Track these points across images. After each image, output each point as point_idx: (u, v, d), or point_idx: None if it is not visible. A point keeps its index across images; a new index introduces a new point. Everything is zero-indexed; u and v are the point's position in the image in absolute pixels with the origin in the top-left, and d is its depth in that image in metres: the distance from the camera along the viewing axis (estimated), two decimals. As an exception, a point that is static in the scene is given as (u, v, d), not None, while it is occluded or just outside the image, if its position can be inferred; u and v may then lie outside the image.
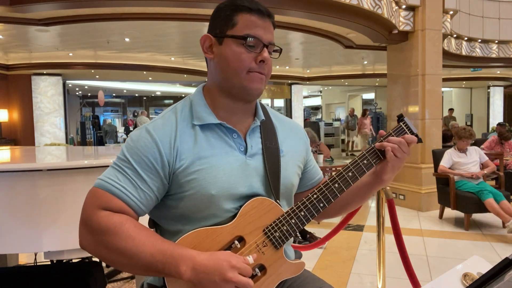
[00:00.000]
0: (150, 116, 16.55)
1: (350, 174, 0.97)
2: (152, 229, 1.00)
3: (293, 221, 0.94)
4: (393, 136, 1.00)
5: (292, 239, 1.06)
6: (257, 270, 0.92)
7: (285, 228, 0.94)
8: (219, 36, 0.96)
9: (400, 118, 1.02)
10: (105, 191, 0.88)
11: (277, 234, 0.94)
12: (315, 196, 0.96)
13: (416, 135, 1.01)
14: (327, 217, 1.23)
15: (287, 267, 0.96)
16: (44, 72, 8.86)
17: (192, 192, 0.91)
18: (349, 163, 0.99)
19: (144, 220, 0.99)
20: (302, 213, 0.95)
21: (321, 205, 0.96)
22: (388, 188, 2.32)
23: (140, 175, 0.90)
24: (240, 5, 0.94)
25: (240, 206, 0.93)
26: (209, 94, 1.01)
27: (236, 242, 0.91)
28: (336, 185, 0.96)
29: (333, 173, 0.98)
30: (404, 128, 1.01)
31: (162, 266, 0.83)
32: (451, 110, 12.98)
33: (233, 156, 0.96)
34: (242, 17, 0.94)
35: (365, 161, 0.98)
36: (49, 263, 1.99)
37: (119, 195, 0.88)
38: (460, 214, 4.57)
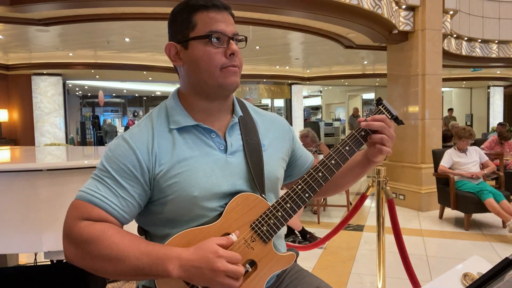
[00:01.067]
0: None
1: (333, 162, 0.98)
2: (141, 236, 1.01)
3: (279, 213, 0.94)
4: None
5: (282, 233, 1.07)
6: (248, 266, 0.93)
7: (272, 221, 0.94)
8: (183, 41, 0.95)
9: (379, 101, 1.02)
10: (85, 201, 0.88)
11: (265, 228, 0.94)
12: (299, 187, 0.96)
13: (396, 117, 1.01)
14: (323, 196, 1.26)
15: (277, 260, 0.97)
16: (44, 72, 8.86)
17: (175, 196, 0.91)
18: (332, 150, 0.99)
19: (133, 228, 0.99)
20: (288, 205, 0.95)
21: (307, 195, 0.96)
22: (388, 188, 2.32)
23: (120, 183, 0.89)
24: (195, 5, 0.93)
25: (225, 204, 0.93)
26: (184, 98, 1.01)
27: None
28: (320, 174, 0.97)
29: (317, 163, 0.99)
30: (384, 111, 1.01)
31: (149, 268, 0.82)
32: (450, 110, 12.97)
33: (213, 156, 0.96)
34: (200, 16, 0.93)
35: (347, 148, 0.98)
36: (49, 263, 1.99)
37: (100, 204, 0.87)
38: (460, 214, 4.57)
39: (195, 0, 0.93)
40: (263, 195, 0.97)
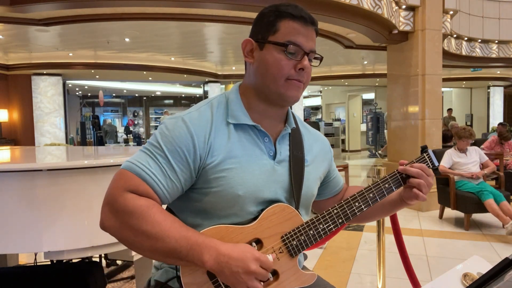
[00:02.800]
0: (150, 116, 16.56)
1: (371, 195, 1.00)
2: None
3: (311, 232, 0.95)
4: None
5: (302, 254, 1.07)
6: (269, 275, 0.92)
7: (303, 238, 0.95)
8: (260, 41, 0.96)
9: (424, 149, 1.05)
10: (134, 174, 0.88)
11: (295, 243, 0.94)
12: (335, 211, 0.98)
13: (437, 168, 1.04)
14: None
15: (298, 276, 0.97)
16: (44, 72, 8.86)
17: (219, 189, 0.91)
18: (371, 184, 1.01)
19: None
20: (321, 226, 0.96)
21: (340, 221, 0.97)
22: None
23: (171, 164, 0.90)
24: (284, 12, 0.94)
25: (262, 210, 0.94)
26: (245, 94, 1.01)
27: (254, 244, 0.93)
28: (357, 203, 0.99)
29: (356, 193, 1.00)
30: (427, 159, 1.04)
31: (186, 252, 0.83)
32: (449, 110, 12.94)
33: (262, 160, 0.97)
34: (284, 23, 0.94)
35: (386, 185, 1.01)
36: (49, 263, 1.99)
37: (148, 181, 0.88)
38: (460, 214, 4.57)
39: (285, 7, 0.94)
40: (298, 210, 0.98)
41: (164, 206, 1.01)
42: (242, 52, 1.01)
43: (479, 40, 7.90)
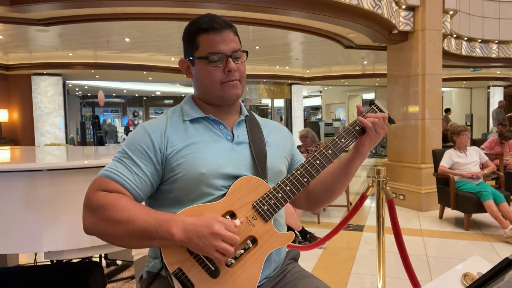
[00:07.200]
0: (150, 116, 16.56)
1: (329, 151, 1.05)
2: None
3: (279, 195, 1.02)
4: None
5: (284, 223, 1.14)
6: (249, 242, 0.99)
7: (272, 201, 1.01)
8: (190, 60, 1.11)
9: (372, 102, 1.11)
10: (104, 177, 1.00)
11: (266, 207, 1.01)
12: (298, 172, 1.03)
13: (388, 116, 1.08)
14: (322, 204, 1.24)
15: (277, 237, 1.03)
16: (44, 72, 8.86)
17: (183, 173, 1.01)
18: (329, 141, 1.06)
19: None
20: (288, 188, 1.02)
21: (305, 180, 1.03)
22: (388, 188, 2.32)
23: (135, 161, 1.01)
24: (197, 28, 1.06)
25: (230, 185, 1.02)
26: (196, 101, 1.16)
27: (228, 217, 0.98)
28: (318, 161, 1.04)
29: (315, 152, 1.06)
30: (376, 110, 1.09)
31: (155, 229, 0.91)
32: (448, 110, 12.88)
33: (220, 143, 1.07)
34: (201, 38, 1.06)
35: (343, 140, 1.06)
36: (49, 263, 1.99)
37: (116, 179, 0.99)
38: (460, 214, 4.57)
39: (198, 23, 1.06)
40: (265, 179, 1.04)
41: None
42: (182, 71, 1.15)
43: (479, 40, 7.90)
